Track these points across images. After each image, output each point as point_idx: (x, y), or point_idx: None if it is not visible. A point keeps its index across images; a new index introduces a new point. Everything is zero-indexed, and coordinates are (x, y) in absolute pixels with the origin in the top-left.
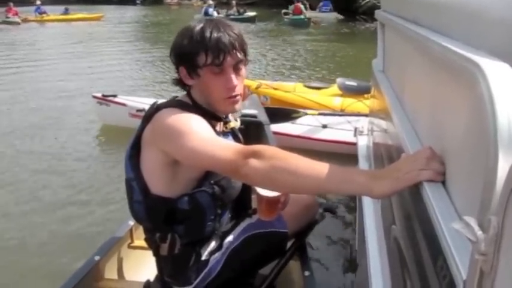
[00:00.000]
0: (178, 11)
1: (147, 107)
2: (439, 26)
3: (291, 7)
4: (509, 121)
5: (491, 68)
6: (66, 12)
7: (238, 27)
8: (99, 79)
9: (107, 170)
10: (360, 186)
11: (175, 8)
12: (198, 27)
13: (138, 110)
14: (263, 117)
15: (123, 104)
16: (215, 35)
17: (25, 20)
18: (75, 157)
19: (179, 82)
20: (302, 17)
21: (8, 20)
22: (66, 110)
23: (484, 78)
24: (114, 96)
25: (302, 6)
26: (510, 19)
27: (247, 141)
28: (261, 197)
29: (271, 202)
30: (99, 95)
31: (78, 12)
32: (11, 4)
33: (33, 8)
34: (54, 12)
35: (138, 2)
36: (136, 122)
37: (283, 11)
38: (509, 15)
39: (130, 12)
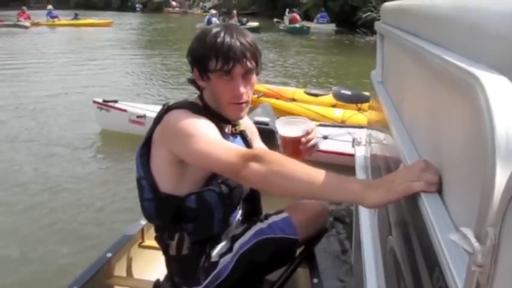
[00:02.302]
0: (179, 19)
1: (147, 113)
2: (438, 38)
3: (286, 17)
4: (507, 133)
5: (490, 80)
6: (76, 17)
7: (253, 36)
8: (101, 84)
9: (103, 175)
10: (352, 194)
11: (175, 16)
12: (213, 31)
13: (139, 116)
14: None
15: (124, 110)
16: (227, 41)
17: (36, 24)
18: (72, 159)
19: (193, 82)
20: (297, 25)
21: (17, 23)
22: (65, 113)
23: (482, 90)
24: (115, 101)
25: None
26: (509, 33)
27: None
28: (284, 138)
29: (293, 142)
30: (99, 100)
31: (89, 18)
32: (24, 8)
33: (45, 12)
34: (64, 17)
35: (138, 9)
36: (136, 128)
37: (275, 20)
38: (508, 29)
39: (136, 20)
